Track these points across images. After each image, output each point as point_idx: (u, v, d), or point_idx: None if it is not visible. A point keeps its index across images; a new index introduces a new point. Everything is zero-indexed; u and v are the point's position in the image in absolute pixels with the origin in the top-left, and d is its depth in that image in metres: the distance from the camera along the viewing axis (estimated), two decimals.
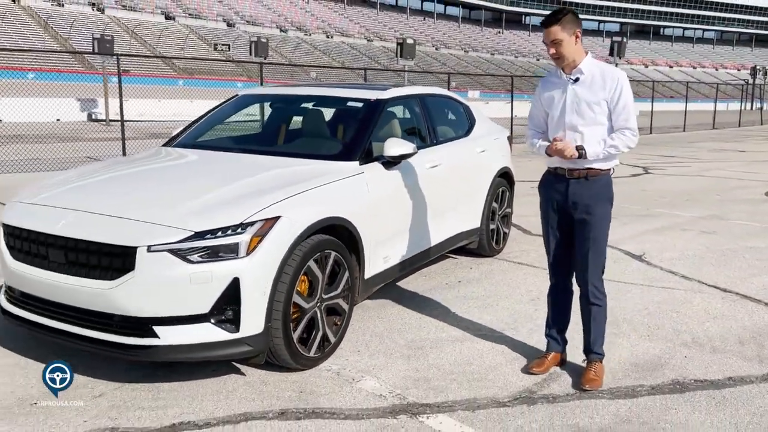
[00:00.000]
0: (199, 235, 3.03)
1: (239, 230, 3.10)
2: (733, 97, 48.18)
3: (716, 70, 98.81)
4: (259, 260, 3.11)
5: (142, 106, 26.67)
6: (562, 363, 3.68)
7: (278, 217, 3.22)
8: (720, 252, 6.31)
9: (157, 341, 3.03)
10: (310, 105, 4.82)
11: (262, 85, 14.92)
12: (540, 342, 3.86)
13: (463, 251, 5.83)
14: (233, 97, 5.12)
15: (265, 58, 26.99)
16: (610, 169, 3.41)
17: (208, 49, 51.85)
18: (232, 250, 3.06)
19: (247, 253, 3.08)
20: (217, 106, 5.10)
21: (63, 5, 51.22)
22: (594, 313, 3.49)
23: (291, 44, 58.93)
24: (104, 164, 4.36)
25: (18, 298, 3.42)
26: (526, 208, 7.50)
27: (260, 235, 3.13)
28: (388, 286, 4.80)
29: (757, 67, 53.27)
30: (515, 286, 5.14)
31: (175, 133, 4.84)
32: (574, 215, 3.41)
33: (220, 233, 3.07)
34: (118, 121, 26.95)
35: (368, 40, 70.45)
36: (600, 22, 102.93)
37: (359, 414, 3.06)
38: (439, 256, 5.38)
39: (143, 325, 3.03)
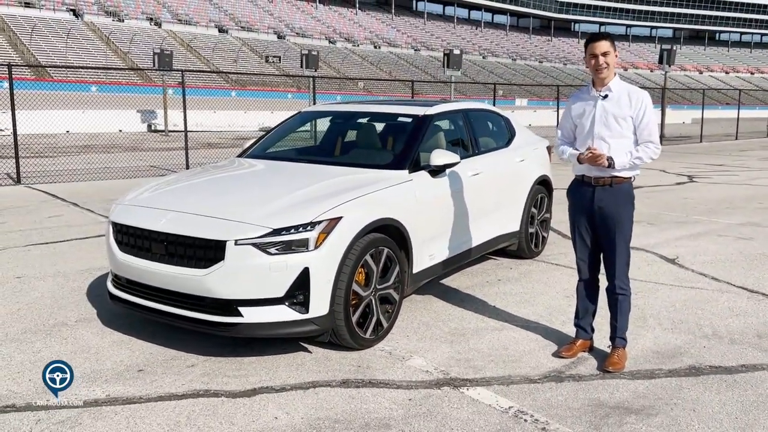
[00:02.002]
0: (277, 232, 3.64)
1: (309, 228, 3.69)
2: None
3: None
4: (325, 253, 3.69)
5: (198, 117, 27.91)
6: (590, 349, 4.12)
7: (340, 218, 3.80)
8: (753, 256, 6.60)
9: (241, 319, 3.64)
10: (364, 120, 5.42)
11: (314, 97, 15.65)
12: (571, 333, 4.32)
13: (504, 253, 6.31)
14: (296, 114, 5.77)
15: (315, 70, 27.85)
16: (631, 177, 3.85)
17: (260, 61, 53.49)
18: (303, 244, 3.66)
19: (315, 247, 3.67)
20: (282, 122, 5.75)
21: (123, 20, 53.73)
22: (620, 302, 3.90)
23: (339, 55, 60.16)
24: (190, 173, 5.04)
25: (124, 284, 4.10)
26: (566, 214, 7.91)
27: (326, 232, 3.72)
28: (434, 283, 5.33)
29: None
30: (551, 284, 5.59)
31: (246, 145, 5.50)
32: (600, 218, 3.86)
33: (293, 230, 3.67)
34: (176, 131, 28.12)
35: (415, 50, 71.19)
36: (652, 28, 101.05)
37: (409, 385, 3.60)
38: (480, 257, 5.88)
39: (230, 306, 3.65)
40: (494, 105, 13.85)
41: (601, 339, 4.16)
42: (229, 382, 3.60)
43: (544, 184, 6.42)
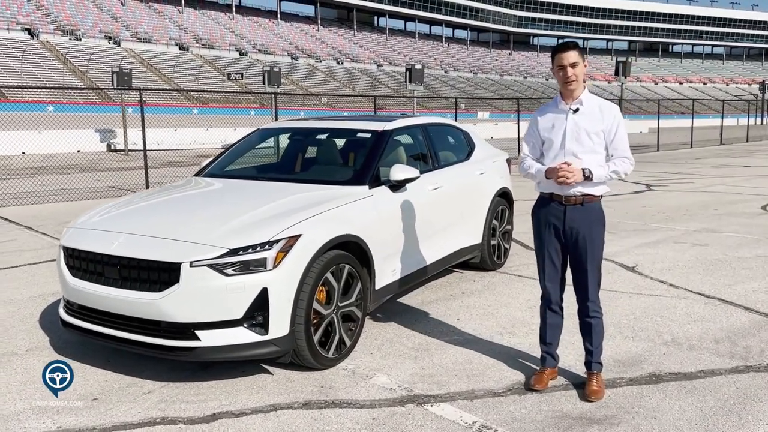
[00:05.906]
0: (234, 252, 3.57)
1: (267, 247, 3.63)
2: (743, 112, 48.46)
3: (726, 85, 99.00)
4: (284, 272, 3.63)
5: (159, 135, 27.51)
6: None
7: (299, 235, 3.75)
8: (709, 262, 6.74)
9: (198, 343, 3.55)
10: (324, 136, 5.39)
11: (276, 113, 15.58)
12: (533, 345, 4.32)
13: (467, 266, 6.32)
14: (255, 131, 5.71)
15: (278, 87, 27.79)
16: (601, 195, 3.69)
17: (222, 78, 53.15)
18: (261, 264, 3.59)
19: (274, 266, 3.61)
20: (240, 140, 5.69)
21: (81, 39, 52.86)
22: (594, 325, 3.71)
23: (302, 71, 60.15)
24: (144, 194, 4.93)
25: (77, 310, 3.97)
26: (527, 225, 7.97)
27: (284, 251, 3.66)
28: (397, 298, 5.30)
29: (766, 82, 53.46)
30: (514, 296, 5.61)
31: (204, 164, 5.42)
32: (572, 239, 3.63)
33: (250, 250, 3.60)
34: (136, 150, 27.58)
35: (378, 65, 71.65)
36: (608, 40, 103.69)
37: (372, 404, 3.55)
38: (444, 270, 5.88)
39: (187, 330, 3.55)
40: (455, 119, 14.02)
41: (564, 357, 4.13)
42: (187, 408, 3.50)
43: (504, 197, 6.47)
